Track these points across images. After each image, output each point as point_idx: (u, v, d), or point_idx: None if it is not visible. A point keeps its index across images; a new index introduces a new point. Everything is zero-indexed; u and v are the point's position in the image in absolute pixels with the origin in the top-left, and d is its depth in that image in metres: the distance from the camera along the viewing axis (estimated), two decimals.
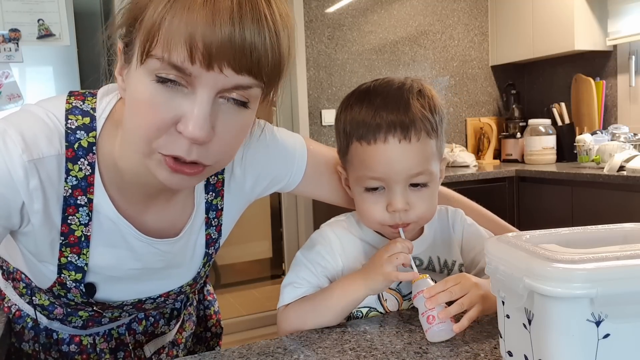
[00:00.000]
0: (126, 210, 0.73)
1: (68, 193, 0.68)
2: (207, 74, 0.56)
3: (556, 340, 0.51)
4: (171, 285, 0.83)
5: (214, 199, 0.81)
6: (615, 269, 0.49)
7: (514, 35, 3.37)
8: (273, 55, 0.59)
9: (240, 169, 0.83)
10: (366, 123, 0.80)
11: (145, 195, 0.74)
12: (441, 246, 0.91)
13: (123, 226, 0.72)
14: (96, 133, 0.69)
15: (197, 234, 0.81)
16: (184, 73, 0.57)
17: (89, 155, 0.68)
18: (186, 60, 0.55)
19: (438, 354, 0.70)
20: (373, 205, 0.83)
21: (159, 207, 0.76)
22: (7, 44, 2.18)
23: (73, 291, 0.74)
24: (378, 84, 0.85)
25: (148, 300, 0.81)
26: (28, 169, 0.64)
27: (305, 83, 3.10)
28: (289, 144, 0.88)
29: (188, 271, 0.83)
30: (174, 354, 0.98)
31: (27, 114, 0.68)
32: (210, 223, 0.82)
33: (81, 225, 0.70)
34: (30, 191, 0.65)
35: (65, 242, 0.71)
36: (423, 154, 0.81)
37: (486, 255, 0.61)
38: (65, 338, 0.87)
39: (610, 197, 2.45)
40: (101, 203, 0.70)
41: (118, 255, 0.74)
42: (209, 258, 0.85)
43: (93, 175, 0.69)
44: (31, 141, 0.64)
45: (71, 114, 0.68)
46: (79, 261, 0.72)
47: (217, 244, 0.85)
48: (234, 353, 0.73)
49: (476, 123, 3.57)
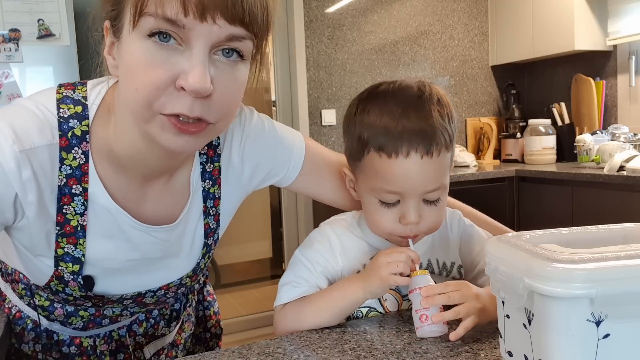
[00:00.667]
0: (122, 198, 0.73)
1: (62, 182, 0.68)
2: (201, 25, 0.57)
3: (556, 340, 0.51)
4: (171, 276, 0.82)
5: (211, 187, 0.81)
6: (615, 269, 0.49)
7: (514, 35, 3.37)
8: (262, 6, 0.61)
9: (238, 157, 0.83)
10: (388, 133, 0.78)
11: (142, 179, 0.74)
12: (440, 248, 0.91)
13: (119, 215, 0.72)
14: (89, 121, 0.69)
15: (196, 223, 0.81)
16: (177, 27, 0.57)
17: (82, 143, 0.68)
18: (179, 12, 0.56)
19: (438, 354, 0.70)
20: (385, 216, 0.82)
21: (155, 194, 0.76)
22: (7, 44, 2.18)
23: (71, 284, 0.74)
24: (396, 89, 0.82)
25: (148, 293, 0.81)
26: (20, 160, 0.64)
27: (305, 83, 3.10)
28: (287, 138, 0.88)
29: (188, 262, 0.83)
30: (173, 354, 0.98)
31: (17, 107, 0.68)
32: (209, 212, 0.82)
33: (77, 215, 0.70)
34: (23, 182, 0.64)
35: (61, 232, 0.70)
36: (441, 168, 0.80)
37: (486, 255, 0.61)
38: (66, 339, 0.87)
39: (610, 197, 2.45)
40: (96, 192, 0.70)
41: (115, 245, 0.74)
42: (208, 249, 0.84)
43: (87, 164, 0.69)
44: (22, 132, 0.64)
45: (62, 103, 0.69)
46: (75, 252, 0.72)
47: (215, 235, 0.84)
48: (234, 353, 0.73)
49: (476, 123, 3.57)
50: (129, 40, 0.60)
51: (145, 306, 0.86)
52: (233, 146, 0.83)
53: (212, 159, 0.80)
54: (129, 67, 0.61)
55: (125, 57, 0.61)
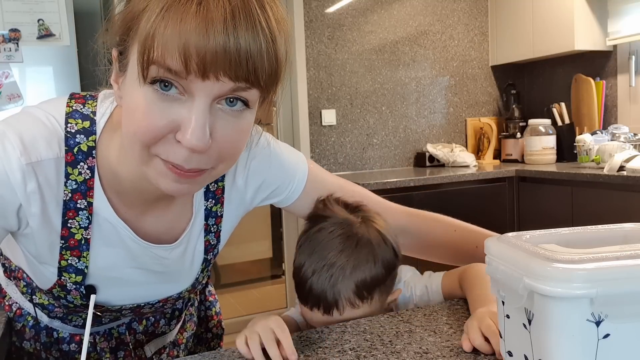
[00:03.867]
0: (125, 214, 0.73)
1: (68, 197, 0.68)
2: (203, 83, 0.55)
3: (556, 340, 0.51)
4: (170, 291, 0.83)
5: (214, 205, 0.81)
6: (615, 269, 0.49)
7: (514, 35, 3.37)
8: (270, 62, 0.57)
9: (242, 179, 0.83)
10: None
11: (144, 201, 0.74)
12: None
13: (121, 229, 0.73)
14: (96, 137, 0.69)
15: (196, 240, 0.81)
16: (180, 77, 0.55)
17: (88, 159, 0.68)
18: (182, 71, 0.54)
19: (438, 354, 0.70)
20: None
21: (157, 213, 0.76)
22: (7, 44, 2.18)
23: (73, 293, 0.74)
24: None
25: (146, 305, 0.82)
26: (26, 172, 0.64)
27: (305, 83, 3.10)
28: (291, 159, 0.88)
29: (187, 277, 0.84)
30: (174, 354, 0.98)
31: (27, 116, 0.68)
32: (210, 229, 0.82)
33: (81, 229, 0.70)
34: (27, 194, 0.65)
35: (65, 246, 0.71)
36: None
37: (486, 255, 0.61)
38: (66, 337, 0.87)
39: (610, 197, 2.45)
40: (100, 206, 0.70)
41: (116, 253, 0.74)
42: (207, 264, 0.85)
43: (93, 179, 0.69)
44: (30, 144, 0.64)
45: (71, 118, 0.68)
46: (79, 264, 0.72)
47: (215, 250, 0.85)
48: (234, 353, 0.73)
49: (476, 123, 3.57)
50: (132, 81, 0.58)
51: (143, 315, 0.86)
52: (238, 168, 0.82)
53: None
54: (130, 109, 0.59)
55: (127, 97, 0.60)
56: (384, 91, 3.34)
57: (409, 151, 3.42)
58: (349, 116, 3.26)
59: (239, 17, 0.54)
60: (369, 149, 3.31)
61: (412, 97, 3.42)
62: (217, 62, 0.54)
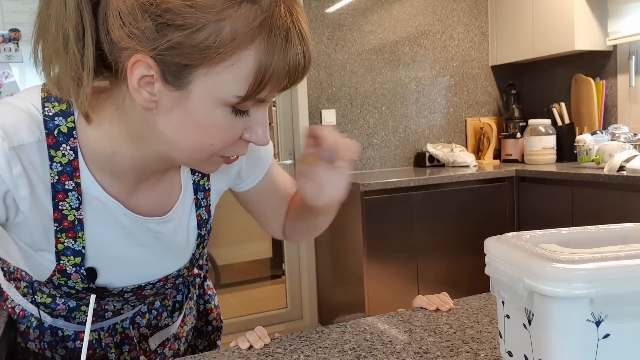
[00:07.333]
0: (113, 190, 0.74)
1: (55, 180, 0.69)
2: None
3: (556, 340, 0.51)
4: (169, 268, 0.84)
5: (201, 179, 0.84)
6: (615, 269, 0.49)
7: (514, 35, 3.37)
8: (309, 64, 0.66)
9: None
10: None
11: (138, 178, 0.75)
12: None
13: (112, 205, 0.74)
14: (74, 117, 0.70)
15: (189, 215, 0.83)
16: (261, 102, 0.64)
17: (70, 140, 0.69)
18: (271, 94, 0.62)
19: (438, 354, 0.70)
20: None
21: (147, 187, 0.78)
22: (7, 44, 2.18)
23: (74, 277, 0.75)
24: None
25: (147, 285, 0.83)
26: (10, 157, 0.65)
27: (305, 83, 3.10)
28: (268, 147, 0.91)
29: (184, 254, 0.85)
30: (175, 347, 0.99)
31: (6, 105, 0.69)
32: (200, 204, 0.84)
33: (73, 210, 0.71)
34: (14, 178, 0.66)
35: (59, 228, 0.71)
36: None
37: (486, 255, 0.61)
38: (71, 335, 0.88)
39: (610, 197, 2.45)
40: (88, 185, 0.72)
41: (112, 232, 0.75)
42: (202, 239, 0.86)
43: (77, 159, 0.70)
44: (11, 130, 0.65)
45: (47, 102, 0.69)
46: (75, 245, 0.73)
47: (208, 225, 0.87)
48: (234, 353, 0.73)
49: (476, 123, 3.57)
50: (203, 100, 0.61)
51: (145, 298, 0.87)
52: None
53: None
54: (204, 125, 0.63)
55: (197, 115, 0.62)
56: (384, 91, 3.34)
57: (409, 151, 3.43)
58: (349, 116, 3.26)
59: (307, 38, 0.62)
60: (369, 149, 3.31)
61: (412, 97, 3.42)
62: (297, 79, 0.63)
